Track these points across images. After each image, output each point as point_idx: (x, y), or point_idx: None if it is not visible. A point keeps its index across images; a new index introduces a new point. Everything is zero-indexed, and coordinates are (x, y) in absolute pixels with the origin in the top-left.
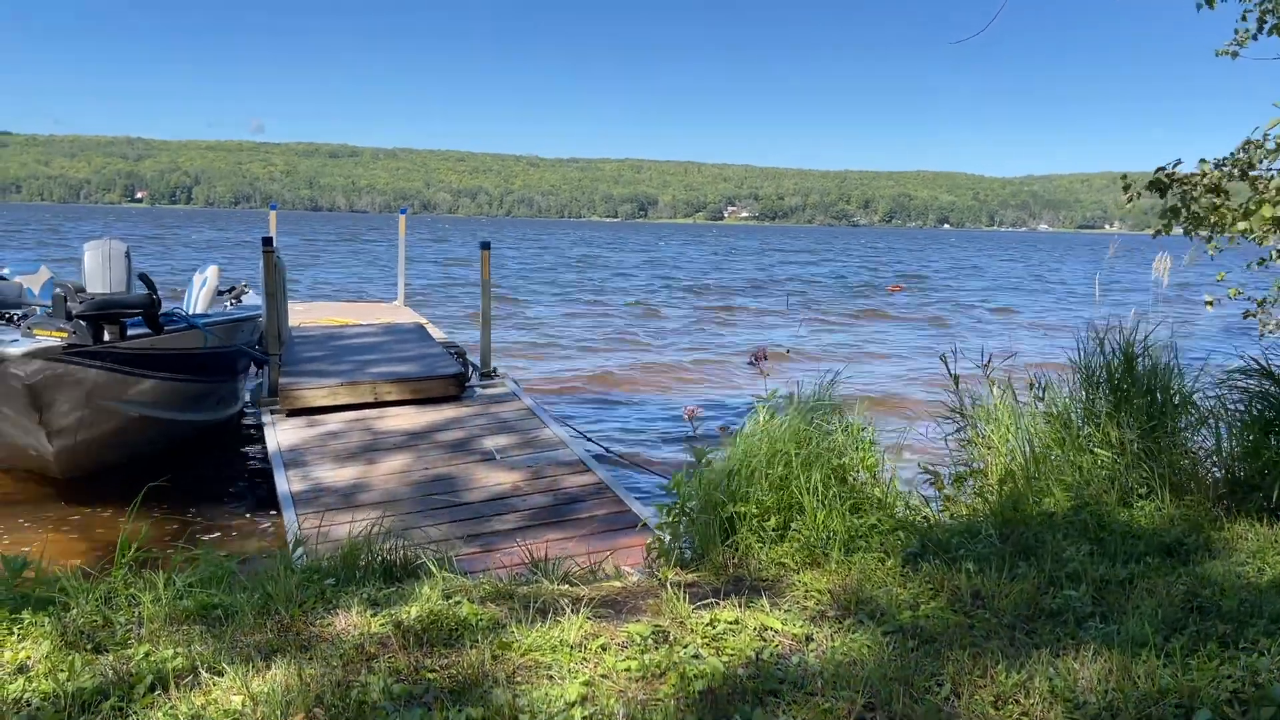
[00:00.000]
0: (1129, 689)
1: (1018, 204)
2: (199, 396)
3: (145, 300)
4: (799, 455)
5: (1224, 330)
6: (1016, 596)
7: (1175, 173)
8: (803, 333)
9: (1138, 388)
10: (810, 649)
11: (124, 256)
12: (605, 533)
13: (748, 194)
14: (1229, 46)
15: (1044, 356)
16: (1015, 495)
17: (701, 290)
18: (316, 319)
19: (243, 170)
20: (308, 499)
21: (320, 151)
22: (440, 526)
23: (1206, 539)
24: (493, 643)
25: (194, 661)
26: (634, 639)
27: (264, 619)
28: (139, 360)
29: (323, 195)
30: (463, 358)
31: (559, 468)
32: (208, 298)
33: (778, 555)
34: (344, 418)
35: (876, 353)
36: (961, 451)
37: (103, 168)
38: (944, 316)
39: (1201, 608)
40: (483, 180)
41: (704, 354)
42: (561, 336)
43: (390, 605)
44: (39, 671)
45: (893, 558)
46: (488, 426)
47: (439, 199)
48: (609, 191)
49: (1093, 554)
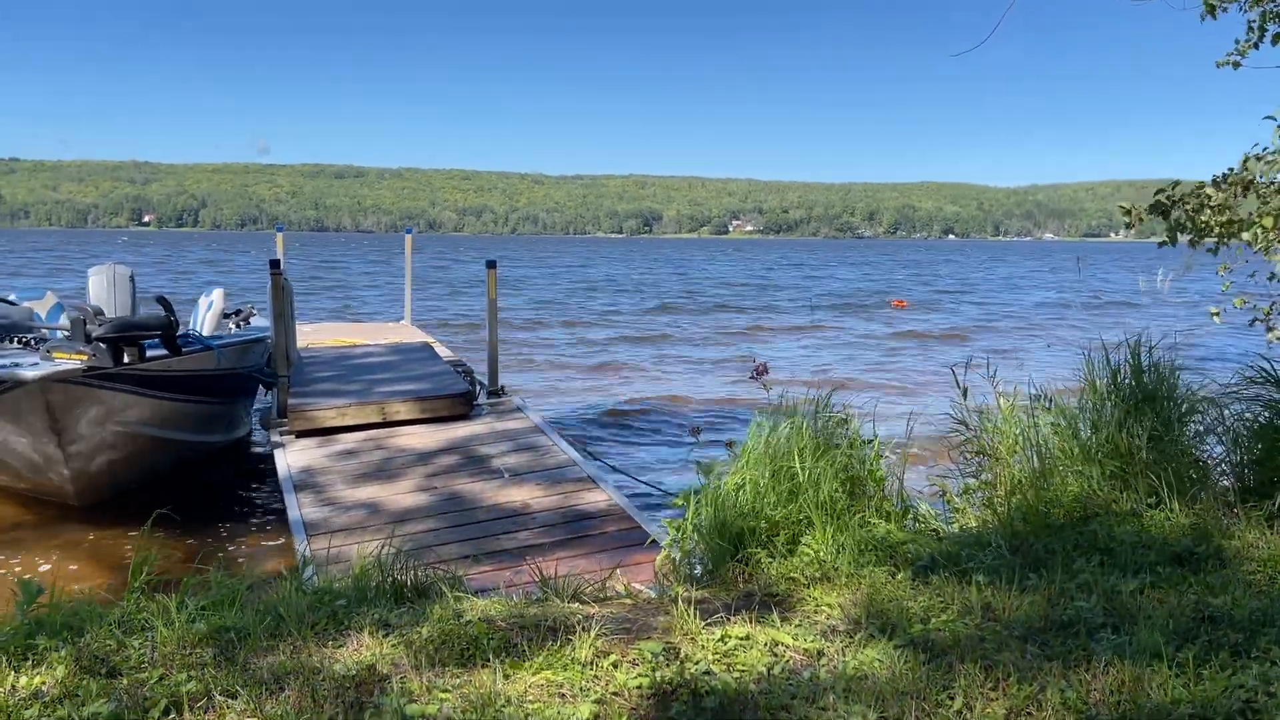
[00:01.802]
0: (1141, 700)
1: (1022, 213)
2: (213, 418)
3: (164, 322)
4: (806, 469)
5: (1229, 338)
6: (1027, 608)
7: (1175, 194)
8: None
9: (1145, 397)
10: (822, 664)
11: (128, 280)
12: (615, 549)
13: (752, 208)
14: (1230, 57)
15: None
16: (1024, 506)
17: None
18: (324, 340)
19: (249, 192)
20: (318, 520)
21: (325, 172)
22: (450, 545)
23: (1217, 548)
24: (504, 662)
25: (208, 685)
26: (645, 656)
27: (276, 641)
28: (159, 382)
29: (328, 216)
30: (470, 376)
31: (569, 485)
32: (213, 321)
33: (787, 570)
34: (353, 437)
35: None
36: (970, 462)
37: (110, 192)
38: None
39: (1213, 617)
40: (488, 199)
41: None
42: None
43: (402, 626)
44: (54, 697)
45: (903, 571)
46: (496, 444)
47: (445, 218)
48: (614, 208)
49: (1103, 564)
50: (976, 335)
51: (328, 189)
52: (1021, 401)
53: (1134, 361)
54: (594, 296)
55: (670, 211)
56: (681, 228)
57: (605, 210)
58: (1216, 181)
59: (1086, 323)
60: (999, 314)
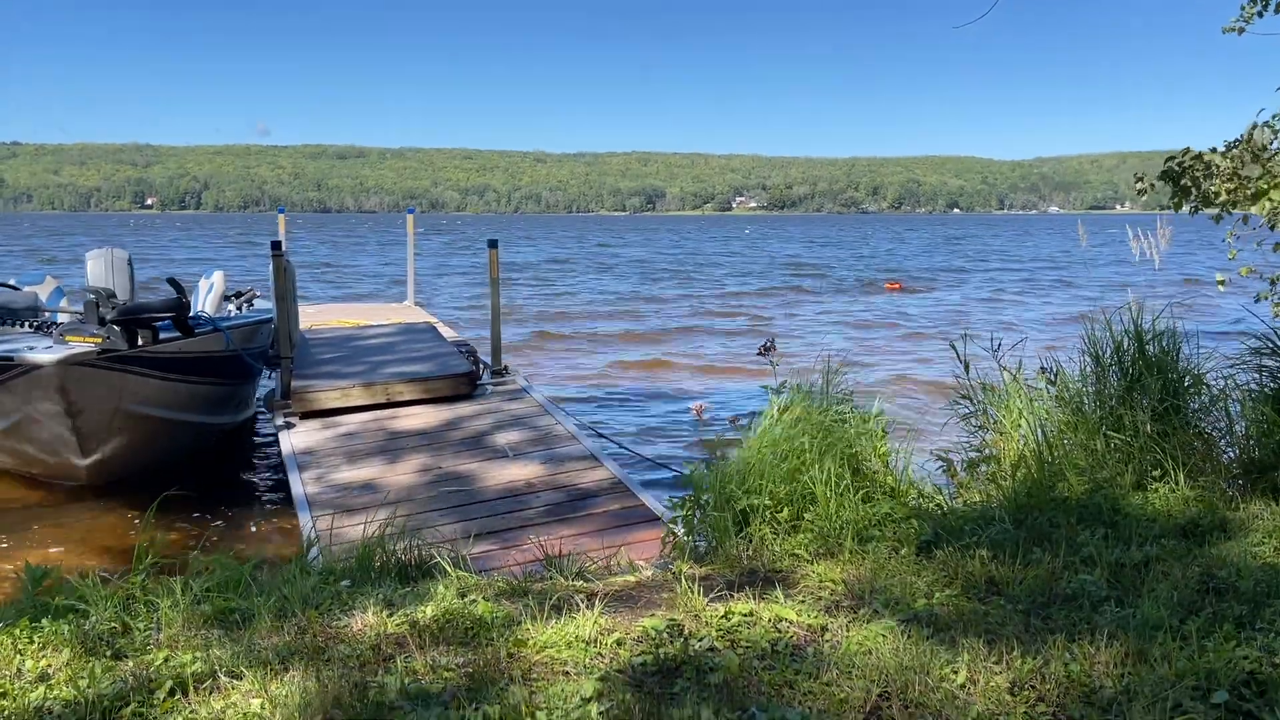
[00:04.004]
0: (1145, 672)
1: (1027, 186)
2: (223, 399)
3: (176, 304)
4: (811, 446)
5: (1232, 310)
6: (1031, 582)
7: (1185, 161)
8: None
9: (1149, 369)
10: (825, 639)
11: (126, 264)
12: (619, 528)
13: (755, 184)
14: (1235, 23)
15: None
16: (1029, 481)
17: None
18: (327, 321)
19: (251, 174)
20: (322, 500)
21: (327, 153)
22: (454, 525)
23: (1221, 520)
24: (508, 640)
25: (213, 665)
26: (649, 633)
27: (281, 622)
28: (172, 364)
29: (330, 197)
30: (474, 356)
31: (572, 463)
32: (214, 303)
33: (791, 547)
34: (357, 418)
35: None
36: (974, 437)
37: (112, 175)
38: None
39: (1217, 589)
40: (490, 178)
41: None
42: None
43: (406, 605)
44: (60, 679)
45: (906, 546)
46: (500, 424)
47: (447, 197)
48: (616, 185)
49: (1107, 538)
50: (982, 309)
51: (330, 170)
52: (1026, 376)
53: (1136, 331)
54: (603, 276)
55: (673, 189)
56: (685, 205)
57: (608, 188)
58: (1224, 150)
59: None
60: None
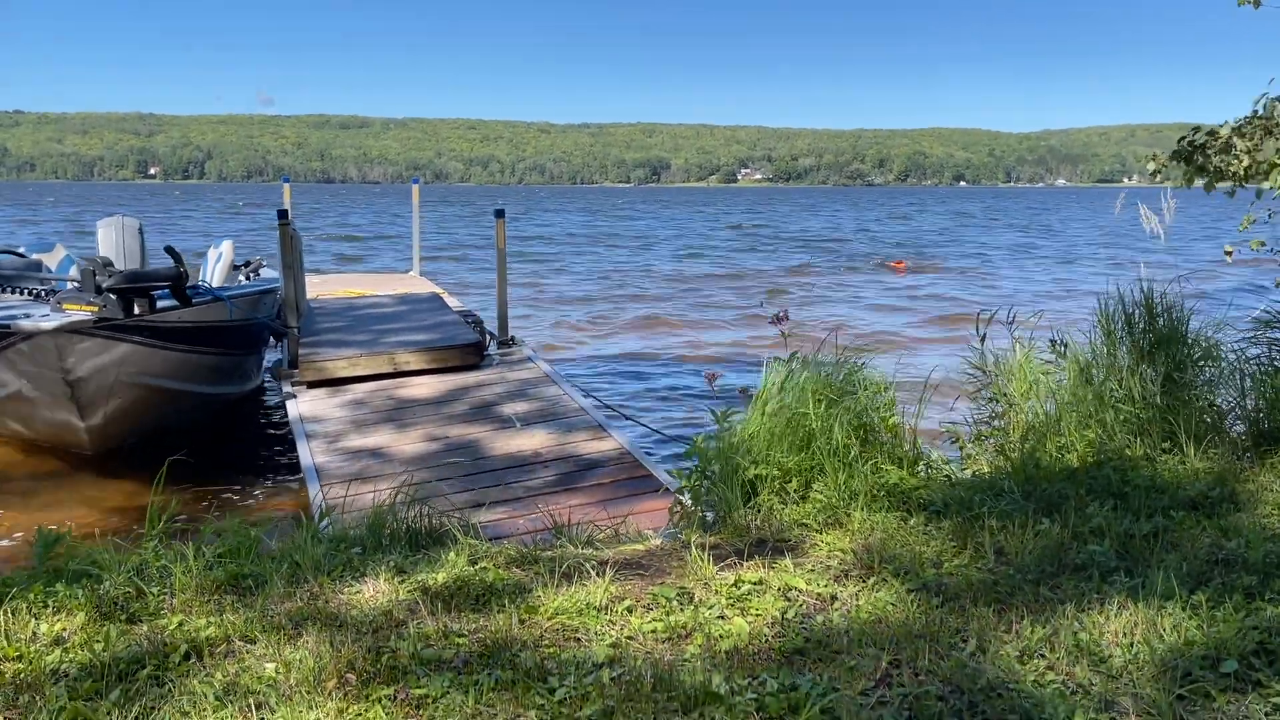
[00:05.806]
0: (1155, 642)
1: (1035, 159)
2: (226, 369)
3: (174, 273)
4: (820, 416)
5: (1240, 281)
6: (1040, 552)
7: (1196, 140)
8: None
9: (1159, 340)
10: (835, 608)
11: (137, 232)
12: (626, 497)
13: (761, 156)
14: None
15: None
16: (1038, 451)
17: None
18: (334, 290)
19: (254, 144)
20: (331, 469)
21: (331, 123)
22: (461, 493)
23: (1231, 491)
24: (520, 606)
25: (226, 630)
26: (659, 600)
27: (293, 588)
28: (169, 333)
29: (334, 167)
30: (480, 326)
31: (579, 433)
32: (223, 272)
33: (800, 516)
34: (364, 387)
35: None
36: (983, 409)
37: (115, 144)
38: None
39: (1226, 560)
40: (494, 148)
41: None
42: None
43: (417, 572)
44: (75, 643)
45: (915, 516)
46: (507, 393)
47: (451, 168)
48: (621, 156)
49: (1116, 509)
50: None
51: (333, 140)
52: (1038, 346)
53: (1147, 303)
54: (615, 248)
55: (678, 160)
56: (690, 176)
57: (613, 159)
58: (1239, 127)
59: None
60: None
